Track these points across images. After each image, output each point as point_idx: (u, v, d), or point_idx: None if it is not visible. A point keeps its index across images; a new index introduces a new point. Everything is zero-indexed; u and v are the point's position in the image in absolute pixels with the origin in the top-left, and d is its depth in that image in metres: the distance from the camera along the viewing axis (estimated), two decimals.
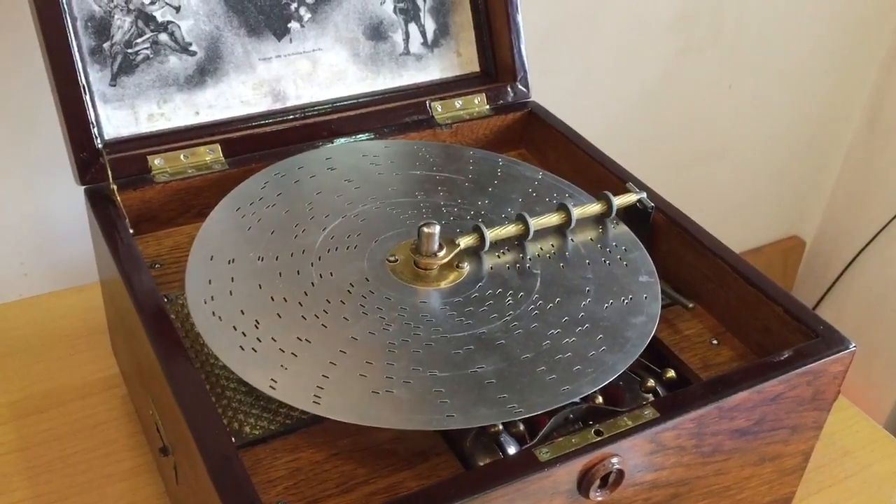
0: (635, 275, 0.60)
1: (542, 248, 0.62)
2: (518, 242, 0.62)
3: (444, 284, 0.58)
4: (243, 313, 0.55)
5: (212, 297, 0.56)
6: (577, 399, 0.51)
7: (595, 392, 0.53)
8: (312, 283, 0.58)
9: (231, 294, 0.57)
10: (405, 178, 0.68)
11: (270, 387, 0.51)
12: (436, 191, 0.67)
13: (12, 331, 0.80)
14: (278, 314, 0.56)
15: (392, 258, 0.60)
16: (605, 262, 0.60)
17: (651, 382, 0.57)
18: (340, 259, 0.60)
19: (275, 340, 0.54)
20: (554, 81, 1.09)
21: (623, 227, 0.64)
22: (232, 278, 0.58)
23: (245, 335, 0.54)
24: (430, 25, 0.77)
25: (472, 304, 0.57)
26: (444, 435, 0.52)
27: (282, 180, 0.66)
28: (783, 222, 1.50)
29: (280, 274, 0.59)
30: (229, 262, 0.59)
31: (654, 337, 0.56)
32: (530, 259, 0.61)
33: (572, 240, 0.63)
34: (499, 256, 0.61)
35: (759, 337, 0.59)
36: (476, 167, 0.69)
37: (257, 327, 0.54)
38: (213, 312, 0.55)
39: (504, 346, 0.54)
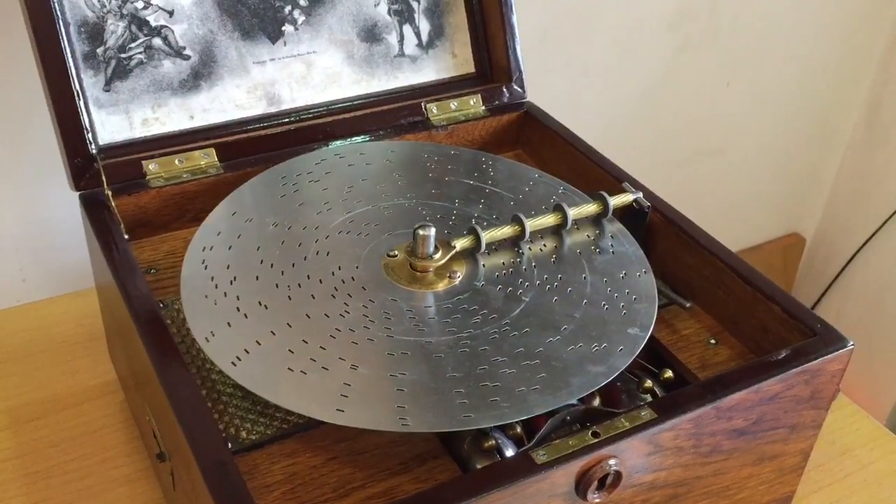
0: (626, 325, 0.56)
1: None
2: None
3: (426, 289, 0.58)
4: (228, 268, 0.58)
5: (211, 247, 0.59)
6: (574, 401, 0.51)
7: (592, 393, 0.53)
8: (305, 258, 0.59)
9: (229, 249, 0.59)
10: (453, 185, 0.67)
11: (206, 339, 0.53)
12: (477, 202, 0.66)
13: (10, 337, 0.80)
14: (257, 276, 0.57)
15: (392, 253, 0.60)
16: (603, 305, 0.57)
17: (649, 383, 0.56)
18: (345, 242, 0.61)
19: (238, 299, 0.56)
20: (550, 81, 1.08)
21: (649, 277, 0.60)
22: (239, 235, 0.61)
23: (217, 287, 0.56)
24: (424, 27, 0.77)
25: (439, 314, 0.56)
26: (442, 438, 0.52)
27: (338, 161, 0.69)
28: (783, 220, 1.50)
29: (283, 242, 0.60)
30: (246, 221, 0.62)
31: (651, 337, 0.56)
32: (526, 285, 0.59)
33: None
34: (497, 276, 0.59)
35: (757, 336, 0.59)
36: (532, 189, 0.68)
37: (231, 283, 0.57)
38: (203, 261, 0.58)
39: (439, 360, 0.53)
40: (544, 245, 0.62)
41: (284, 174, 0.67)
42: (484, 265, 0.60)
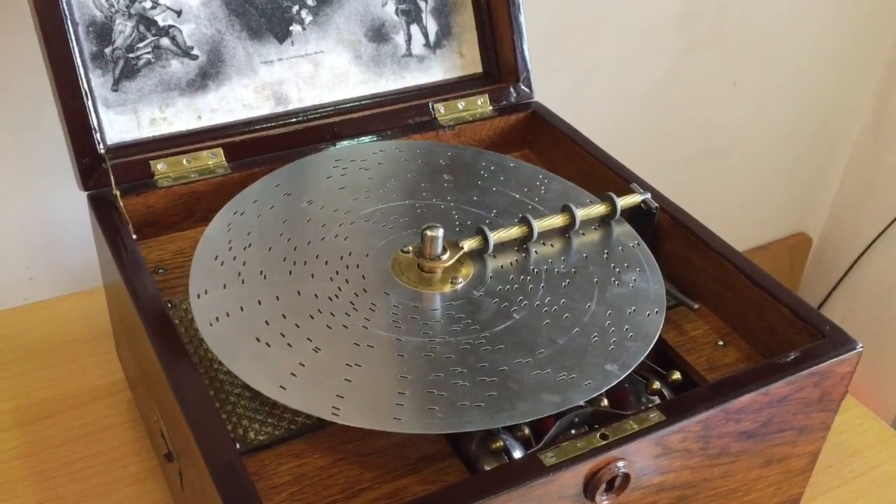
0: (607, 360, 0.53)
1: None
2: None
3: (425, 290, 0.58)
4: (248, 234, 0.60)
5: (242, 213, 0.62)
6: (582, 402, 0.51)
7: (600, 395, 0.52)
8: (323, 238, 0.60)
9: (258, 217, 0.62)
10: (498, 195, 0.66)
11: (197, 295, 0.55)
12: (514, 216, 0.64)
13: (18, 336, 0.80)
14: (270, 247, 0.59)
15: (405, 250, 0.60)
16: (593, 337, 0.55)
17: (657, 385, 0.56)
18: (366, 231, 0.62)
19: (244, 264, 0.57)
20: (557, 81, 1.08)
21: (659, 318, 0.56)
22: (272, 206, 0.63)
23: (230, 249, 0.58)
24: (432, 26, 0.77)
25: (422, 315, 0.56)
26: (450, 439, 0.52)
27: (396, 154, 0.70)
28: (789, 219, 1.49)
29: (308, 220, 0.62)
30: (285, 194, 0.64)
31: (659, 338, 0.56)
32: (524, 303, 0.57)
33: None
34: (500, 289, 0.58)
35: (766, 338, 0.59)
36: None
37: (245, 249, 0.59)
38: (230, 224, 0.61)
39: (400, 359, 0.52)
40: (563, 267, 0.60)
41: (339, 157, 0.68)
42: (491, 276, 0.59)
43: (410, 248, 0.60)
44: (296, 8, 0.71)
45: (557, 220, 0.62)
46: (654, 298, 0.58)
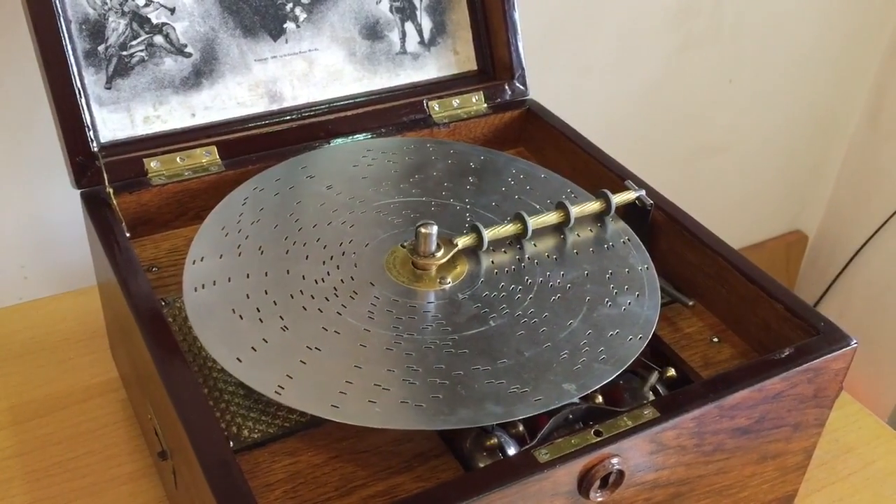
0: (567, 379, 0.51)
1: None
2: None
3: (412, 286, 0.58)
4: (261, 210, 0.61)
5: (262, 189, 0.64)
6: (576, 399, 0.51)
7: (595, 391, 0.52)
8: (329, 223, 0.61)
9: (275, 195, 0.63)
10: (518, 204, 0.65)
11: (192, 262, 0.57)
12: None
13: (12, 335, 0.80)
14: (276, 225, 0.60)
15: (406, 244, 0.60)
16: (562, 353, 0.53)
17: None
18: (374, 221, 0.62)
19: (245, 238, 0.59)
20: (552, 78, 1.08)
21: (640, 343, 0.54)
22: (292, 187, 0.64)
23: (238, 223, 0.60)
24: (426, 24, 0.77)
25: (398, 310, 0.56)
26: (444, 436, 0.52)
27: (426, 151, 0.70)
28: (785, 217, 1.49)
29: (322, 204, 0.63)
30: (307, 177, 0.65)
31: (654, 335, 0.56)
32: (505, 312, 0.56)
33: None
34: (485, 294, 0.57)
35: (760, 334, 0.59)
36: (601, 228, 0.64)
37: (252, 224, 0.60)
38: (246, 198, 0.62)
39: (359, 349, 0.52)
40: (559, 281, 0.59)
41: (370, 148, 0.69)
42: (483, 280, 0.59)
43: (408, 244, 0.60)
44: (290, 6, 0.71)
45: (552, 217, 0.62)
46: (643, 324, 0.56)
